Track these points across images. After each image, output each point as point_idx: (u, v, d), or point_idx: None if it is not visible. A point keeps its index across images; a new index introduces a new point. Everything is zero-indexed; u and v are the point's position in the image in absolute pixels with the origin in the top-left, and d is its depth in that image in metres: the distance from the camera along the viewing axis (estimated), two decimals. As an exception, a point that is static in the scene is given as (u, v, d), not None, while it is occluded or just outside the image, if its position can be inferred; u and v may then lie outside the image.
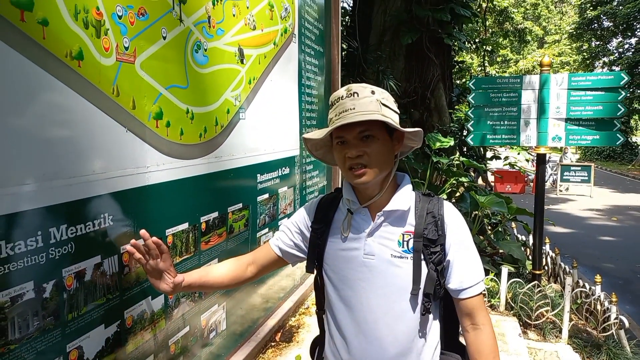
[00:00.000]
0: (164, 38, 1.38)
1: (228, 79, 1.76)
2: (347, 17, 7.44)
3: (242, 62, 1.87)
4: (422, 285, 1.12)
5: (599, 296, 4.13)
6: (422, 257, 1.13)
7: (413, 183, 1.37)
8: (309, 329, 2.24)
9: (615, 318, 3.74)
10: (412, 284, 1.11)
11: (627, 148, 27.40)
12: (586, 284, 4.49)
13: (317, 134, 1.16)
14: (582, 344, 3.82)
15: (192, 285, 1.12)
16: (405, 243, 1.14)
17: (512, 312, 3.97)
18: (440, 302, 1.23)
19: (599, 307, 4.09)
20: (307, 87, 2.68)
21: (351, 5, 7.44)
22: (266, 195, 2.11)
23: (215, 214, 1.68)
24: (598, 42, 27.06)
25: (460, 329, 1.24)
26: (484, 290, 1.37)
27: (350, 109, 1.09)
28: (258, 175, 2.03)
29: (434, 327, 1.20)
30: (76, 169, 1.07)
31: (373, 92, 1.13)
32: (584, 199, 13.37)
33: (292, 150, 2.45)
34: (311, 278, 2.74)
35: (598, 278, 4.23)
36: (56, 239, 1.02)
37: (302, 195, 2.58)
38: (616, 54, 26.22)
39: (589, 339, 3.88)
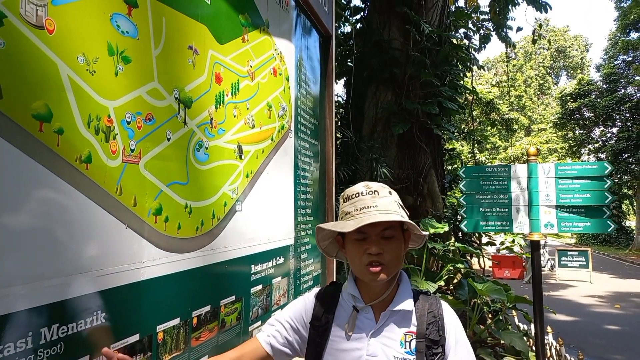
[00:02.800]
0: (168, 139, 1.48)
1: (227, 174, 1.85)
2: (342, 109, 7.87)
3: (240, 157, 1.97)
4: None
5: (609, 393, 3.92)
6: (425, 358, 1.12)
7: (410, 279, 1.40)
8: None
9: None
10: None
11: (622, 232, 27.53)
12: (594, 379, 4.28)
13: (338, 225, 1.18)
14: None
15: None
16: (407, 344, 1.13)
17: (518, 411, 3.76)
18: None
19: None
20: (302, 178, 2.78)
21: (345, 99, 7.91)
22: (260, 286, 2.10)
23: (207, 308, 1.67)
24: (582, 131, 28.36)
25: None
26: None
27: (373, 207, 1.13)
28: (252, 266, 2.04)
29: None
30: (75, 266, 1.10)
31: (390, 193, 1.18)
32: (584, 284, 13.14)
33: (287, 239, 2.48)
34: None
35: (606, 372, 4.04)
36: (46, 340, 1.01)
37: (296, 284, 2.56)
38: (600, 142, 27.35)
39: None
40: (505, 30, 9.63)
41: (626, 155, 25.07)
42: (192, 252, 1.59)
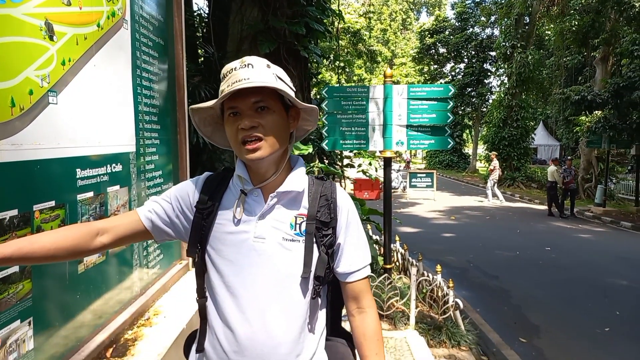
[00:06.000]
0: None
1: (30, 55, 1.50)
2: (204, 23, 7.27)
3: (51, 38, 1.61)
4: (313, 269, 1.10)
5: (439, 283, 4.60)
6: (314, 239, 1.11)
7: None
8: (149, 340, 2.02)
9: (452, 301, 4.19)
10: (303, 267, 1.08)
11: (462, 158, 31.81)
12: (429, 274, 4.98)
13: (205, 104, 1.09)
14: (426, 328, 4.20)
15: (11, 258, 0.91)
16: (297, 226, 1.12)
17: (365, 304, 4.18)
18: (328, 288, 1.22)
19: (440, 293, 4.55)
20: (146, 80, 2.47)
21: (207, 12, 7.28)
22: (90, 194, 1.85)
23: (13, 212, 1.40)
24: (436, 66, 31.05)
25: (345, 313, 1.24)
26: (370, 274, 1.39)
27: (245, 79, 1.03)
28: (78, 170, 1.77)
29: (322, 313, 1.19)
30: None
31: (269, 66, 1.09)
32: (429, 202, 15.10)
33: (126, 145, 2.21)
34: (154, 287, 2.50)
35: (438, 268, 4.72)
36: None
37: (139, 196, 2.35)
38: (450, 77, 30.36)
39: (432, 323, 4.29)
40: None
41: (470, 89, 28.38)
42: (-20, 144, 1.29)
